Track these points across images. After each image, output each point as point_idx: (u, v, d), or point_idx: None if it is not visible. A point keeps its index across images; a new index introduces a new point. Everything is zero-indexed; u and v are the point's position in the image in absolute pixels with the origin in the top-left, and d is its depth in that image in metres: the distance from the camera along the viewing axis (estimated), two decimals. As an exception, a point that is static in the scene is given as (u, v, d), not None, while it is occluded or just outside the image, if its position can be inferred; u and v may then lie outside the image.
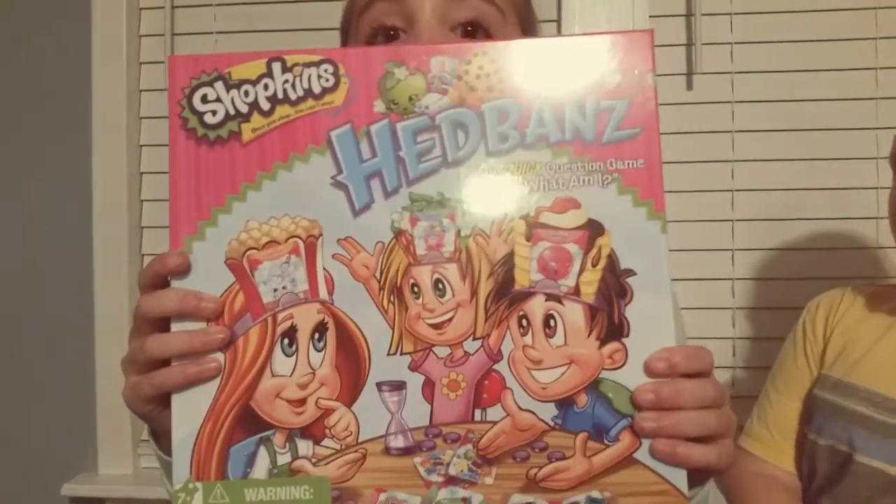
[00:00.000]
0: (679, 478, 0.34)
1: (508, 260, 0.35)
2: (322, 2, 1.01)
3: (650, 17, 0.95)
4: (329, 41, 0.53)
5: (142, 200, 1.06)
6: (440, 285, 0.35)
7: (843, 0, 0.95)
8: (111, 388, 1.03)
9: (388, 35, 0.45)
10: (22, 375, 1.07)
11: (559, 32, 0.96)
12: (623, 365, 0.34)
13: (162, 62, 1.03)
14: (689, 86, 0.97)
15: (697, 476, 0.36)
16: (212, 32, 1.05)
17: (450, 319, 0.35)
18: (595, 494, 0.34)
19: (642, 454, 0.34)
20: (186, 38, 1.05)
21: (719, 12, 0.96)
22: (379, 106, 0.36)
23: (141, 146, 1.06)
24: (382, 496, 0.34)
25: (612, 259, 0.35)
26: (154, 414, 0.36)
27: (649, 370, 0.34)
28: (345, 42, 0.51)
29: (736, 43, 0.97)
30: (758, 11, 0.97)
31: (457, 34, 0.45)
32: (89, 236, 1.04)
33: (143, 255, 1.06)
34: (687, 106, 0.96)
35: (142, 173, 1.06)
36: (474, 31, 0.45)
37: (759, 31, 0.97)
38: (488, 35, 0.45)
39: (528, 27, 0.50)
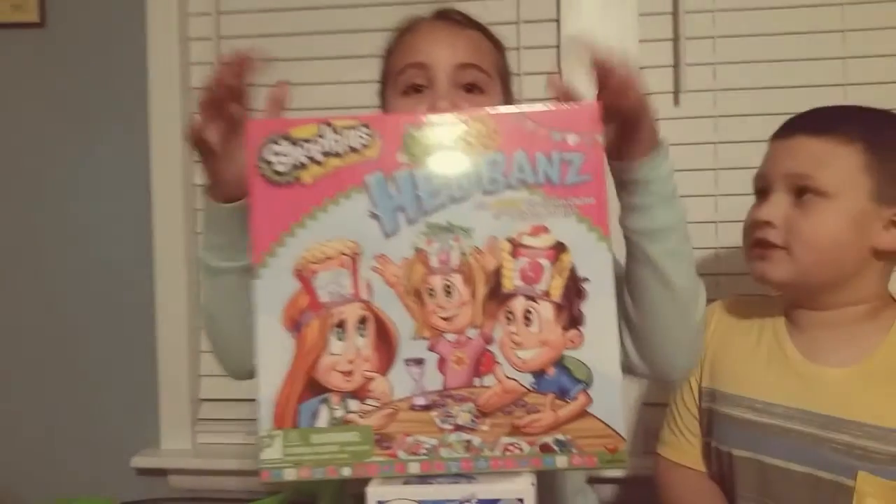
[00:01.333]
0: (618, 424, 0.47)
1: (498, 271, 0.48)
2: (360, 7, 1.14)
3: (640, 41, 1.06)
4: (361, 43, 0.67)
5: (195, 209, 1.19)
6: (449, 289, 0.49)
7: (813, 23, 1.05)
8: (172, 373, 1.17)
9: (416, 90, 0.64)
10: (90, 362, 1.21)
11: (558, 57, 1.08)
12: (580, 346, 0.48)
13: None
14: (676, 102, 1.08)
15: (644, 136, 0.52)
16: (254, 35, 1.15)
17: (456, 314, 0.49)
18: (560, 437, 0.47)
19: (592, 409, 0.47)
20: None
21: (702, 36, 1.07)
22: (402, 158, 0.49)
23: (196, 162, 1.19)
24: (409, 439, 0.48)
25: (572, 270, 0.48)
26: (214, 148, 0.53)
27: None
28: (383, 90, 0.69)
29: (718, 63, 1.07)
30: (737, 35, 1.07)
31: (462, 90, 0.64)
32: (150, 227, 1.16)
33: (197, 233, 1.17)
34: (674, 121, 1.07)
35: (194, 185, 1.20)
36: (473, 89, 0.64)
37: (739, 52, 1.07)
38: (482, 91, 0.64)
39: (506, 83, 0.70)
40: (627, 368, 0.61)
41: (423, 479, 0.47)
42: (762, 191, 0.73)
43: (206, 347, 1.20)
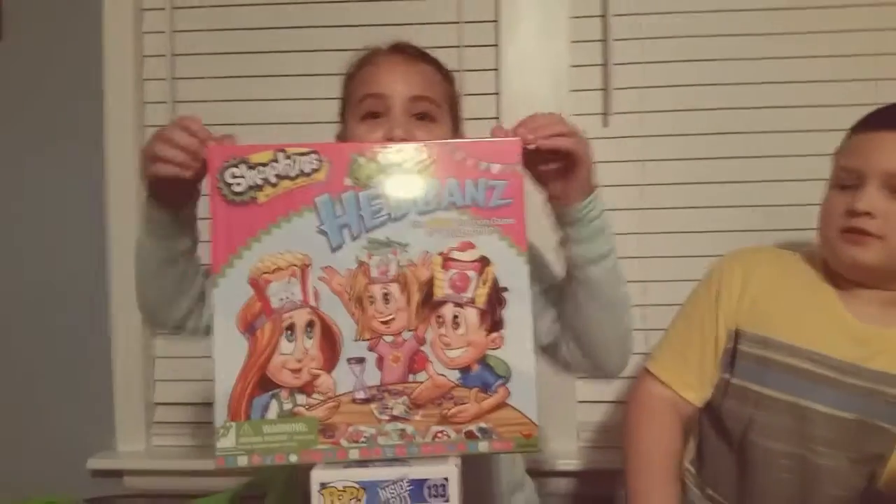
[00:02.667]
0: (533, 413, 0.54)
1: (430, 281, 0.55)
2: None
3: (571, 66, 1.16)
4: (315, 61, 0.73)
5: None
6: (387, 297, 0.56)
7: (733, 50, 1.16)
8: (127, 377, 1.21)
9: (374, 116, 0.72)
10: (46, 366, 1.23)
11: (497, 80, 1.16)
12: (501, 346, 0.55)
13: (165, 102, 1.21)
14: (605, 123, 1.18)
15: (580, 179, 0.62)
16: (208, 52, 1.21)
17: (394, 318, 0.55)
18: (482, 425, 0.55)
19: (511, 400, 0.55)
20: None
21: (630, 62, 1.17)
22: (348, 181, 0.56)
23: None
24: (350, 429, 0.54)
25: (495, 281, 0.56)
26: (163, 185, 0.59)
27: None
28: (343, 115, 0.77)
29: (644, 87, 1.18)
30: (662, 60, 1.18)
31: (415, 119, 0.71)
32: (105, 237, 1.20)
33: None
34: (603, 140, 1.17)
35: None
36: (425, 117, 0.72)
37: (664, 77, 1.18)
38: (433, 120, 0.72)
39: (454, 110, 0.77)
40: (571, 367, 0.71)
41: (361, 462, 0.53)
42: (850, 182, 0.76)
43: (160, 353, 1.24)
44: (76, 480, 1.20)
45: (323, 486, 0.51)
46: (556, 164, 0.62)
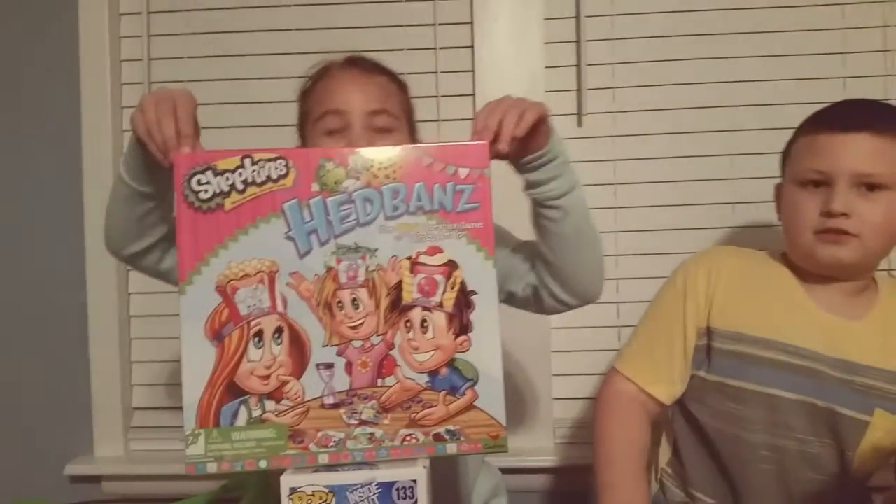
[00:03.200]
0: (500, 415, 0.55)
1: (398, 285, 0.56)
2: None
3: (546, 67, 1.17)
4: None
5: None
6: (356, 302, 0.56)
7: (703, 50, 1.18)
8: (104, 383, 1.19)
9: (333, 133, 0.73)
10: (23, 372, 1.22)
11: (473, 81, 1.17)
12: (469, 349, 0.56)
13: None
14: (579, 123, 1.19)
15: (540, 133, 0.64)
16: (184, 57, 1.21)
17: (362, 323, 0.56)
18: (451, 427, 0.55)
19: (478, 403, 0.55)
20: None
21: (602, 62, 1.18)
22: (315, 187, 0.56)
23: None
24: (320, 434, 0.55)
25: (463, 284, 0.56)
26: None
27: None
28: (301, 130, 0.78)
29: (616, 88, 1.19)
30: (634, 61, 1.19)
31: (374, 133, 0.73)
32: (82, 241, 1.19)
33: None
34: (577, 140, 1.18)
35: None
36: (384, 131, 0.74)
37: (636, 77, 1.19)
38: (390, 132, 0.73)
39: (410, 119, 0.80)
40: (554, 305, 0.75)
41: (330, 467, 0.53)
42: (821, 182, 0.78)
43: (137, 358, 1.23)
44: (54, 486, 1.18)
45: (293, 490, 0.51)
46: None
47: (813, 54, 1.17)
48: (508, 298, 0.78)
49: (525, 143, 0.66)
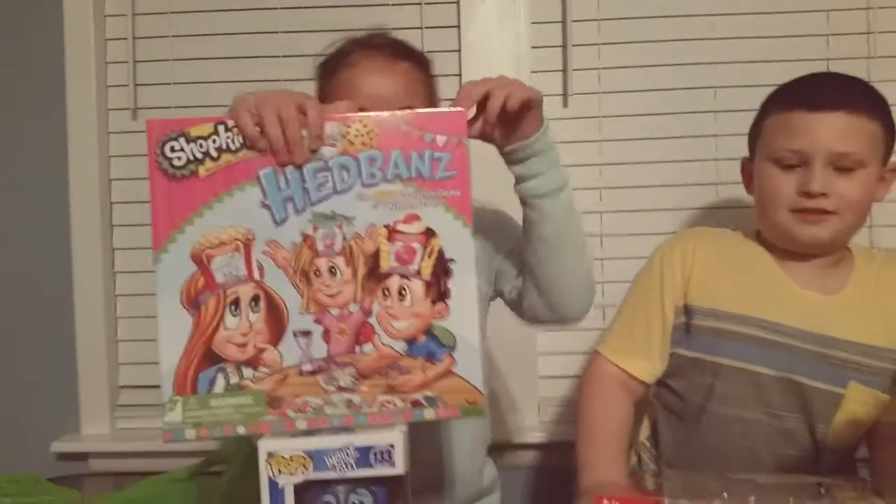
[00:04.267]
0: (478, 381, 0.56)
1: (376, 253, 0.56)
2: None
3: (532, 47, 1.17)
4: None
5: (111, 202, 1.23)
6: (333, 270, 0.56)
7: (688, 31, 1.18)
8: (91, 360, 1.20)
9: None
10: (10, 351, 1.22)
11: (459, 63, 1.16)
12: (446, 316, 0.56)
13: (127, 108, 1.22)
14: (565, 104, 1.19)
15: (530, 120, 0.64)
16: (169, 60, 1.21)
17: (340, 291, 0.56)
18: (428, 393, 0.56)
19: (456, 369, 0.56)
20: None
21: (589, 43, 1.18)
22: (291, 155, 0.56)
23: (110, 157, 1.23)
24: (297, 400, 0.55)
25: (440, 252, 0.56)
26: None
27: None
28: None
29: (602, 68, 1.19)
30: (621, 42, 1.19)
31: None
32: (68, 222, 1.20)
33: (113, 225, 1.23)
34: (563, 121, 1.18)
35: (111, 180, 1.23)
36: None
37: (622, 58, 1.19)
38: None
39: (433, 100, 0.79)
40: (536, 319, 0.74)
41: (308, 432, 0.54)
42: (793, 162, 0.78)
43: (124, 336, 1.24)
44: (41, 464, 1.18)
45: (270, 455, 0.52)
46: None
47: (798, 36, 1.17)
48: (499, 296, 0.79)
49: (512, 129, 0.65)
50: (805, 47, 1.17)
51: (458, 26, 1.17)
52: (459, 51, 1.17)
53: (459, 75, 1.17)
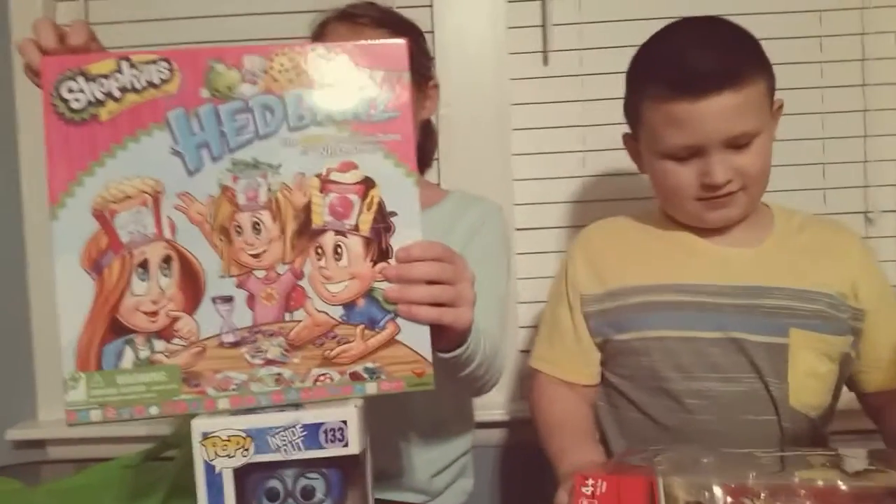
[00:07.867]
0: (425, 350, 0.49)
1: (307, 207, 0.49)
2: None
3: (507, 1, 1.08)
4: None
5: None
6: (257, 226, 0.49)
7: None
8: (47, 343, 1.13)
9: None
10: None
11: (431, 17, 1.08)
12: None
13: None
14: (545, 62, 1.11)
15: (451, 338, 0.54)
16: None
17: (265, 251, 0.49)
18: (370, 365, 0.49)
19: (401, 336, 0.49)
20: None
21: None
22: (204, 93, 0.48)
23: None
24: (218, 376, 0.48)
25: (381, 205, 0.49)
26: None
27: (396, 259, 0.49)
28: None
29: (583, 23, 1.11)
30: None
31: None
32: (20, 202, 1.13)
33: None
34: (543, 79, 1.10)
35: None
36: None
37: (603, 12, 1.11)
38: None
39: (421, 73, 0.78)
40: None
41: (250, 409, 0.47)
42: (687, 154, 0.74)
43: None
44: (-3, 452, 1.14)
45: (205, 436, 0.45)
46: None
47: (791, 38, 1.10)
48: None
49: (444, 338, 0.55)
50: (798, 49, 1.10)
51: (431, 6, 1.08)
52: (431, 6, 1.08)
53: (432, 32, 1.09)
